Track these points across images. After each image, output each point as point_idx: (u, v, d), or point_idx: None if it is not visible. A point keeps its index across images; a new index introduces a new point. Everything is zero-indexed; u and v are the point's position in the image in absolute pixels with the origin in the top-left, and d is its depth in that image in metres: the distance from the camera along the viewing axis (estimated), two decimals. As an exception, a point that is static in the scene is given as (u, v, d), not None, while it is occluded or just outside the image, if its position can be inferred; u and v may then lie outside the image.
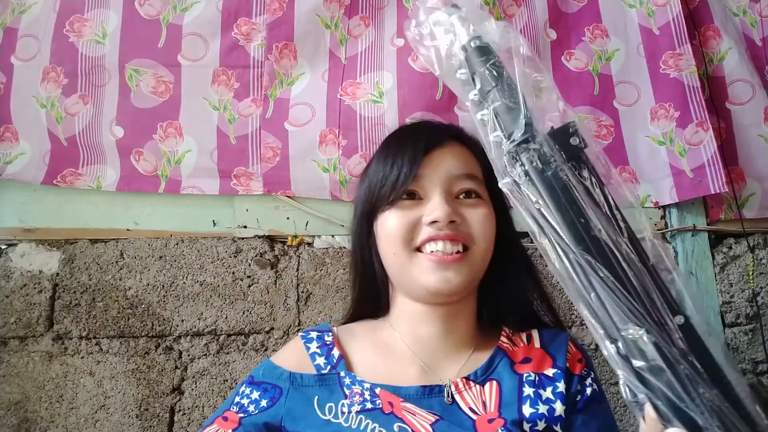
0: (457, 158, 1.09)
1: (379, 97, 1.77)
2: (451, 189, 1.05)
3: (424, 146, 1.06)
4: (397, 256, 1.03)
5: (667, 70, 1.77)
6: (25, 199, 1.67)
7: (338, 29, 1.83)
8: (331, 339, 1.11)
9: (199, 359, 1.62)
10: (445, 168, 1.06)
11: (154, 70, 1.73)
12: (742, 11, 1.88)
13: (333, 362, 1.06)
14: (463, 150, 1.12)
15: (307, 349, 1.10)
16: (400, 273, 1.06)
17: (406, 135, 1.15)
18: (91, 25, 1.73)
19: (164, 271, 1.65)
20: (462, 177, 1.07)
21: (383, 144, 1.17)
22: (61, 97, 1.69)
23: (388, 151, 1.11)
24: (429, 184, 1.05)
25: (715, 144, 1.71)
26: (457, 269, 1.00)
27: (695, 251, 1.75)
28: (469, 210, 1.04)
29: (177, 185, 1.69)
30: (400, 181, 1.03)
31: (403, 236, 1.02)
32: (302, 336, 1.14)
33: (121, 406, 1.57)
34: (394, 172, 1.05)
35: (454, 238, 1.00)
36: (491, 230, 1.06)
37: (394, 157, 1.07)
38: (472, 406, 0.98)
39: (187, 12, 1.77)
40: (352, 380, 1.02)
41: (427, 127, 1.19)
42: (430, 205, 1.02)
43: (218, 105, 1.74)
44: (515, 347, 1.09)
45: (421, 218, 1.02)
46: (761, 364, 1.70)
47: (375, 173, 1.10)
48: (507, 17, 1.84)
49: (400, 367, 1.05)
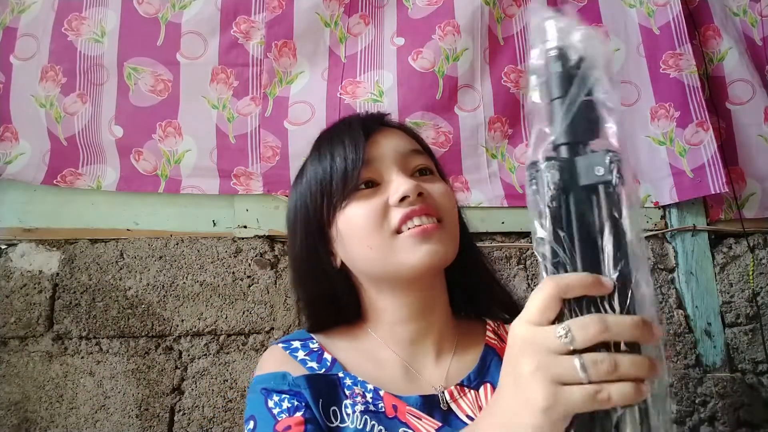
0: (401, 137, 1.03)
1: (379, 96, 1.77)
2: (407, 166, 0.99)
3: (364, 132, 0.98)
4: (374, 248, 0.93)
5: (667, 70, 1.77)
6: (25, 199, 1.67)
7: (338, 27, 1.82)
8: (318, 345, 1.02)
9: (199, 359, 1.62)
10: (393, 147, 0.99)
11: (153, 69, 1.73)
12: (742, 11, 1.88)
13: (327, 365, 0.98)
14: (400, 131, 1.05)
15: (294, 357, 0.99)
16: (381, 264, 0.95)
17: (338, 129, 1.04)
18: (89, 23, 1.73)
19: (164, 271, 1.65)
20: (413, 153, 1.01)
21: (314, 146, 1.05)
22: (60, 96, 1.69)
23: (323, 149, 1.01)
24: (383, 166, 0.97)
25: (715, 144, 1.71)
26: (439, 238, 0.93)
27: (695, 251, 1.75)
28: (430, 185, 0.97)
29: (177, 185, 1.69)
30: (349, 168, 0.94)
31: (377, 224, 0.93)
32: (283, 346, 1.02)
33: (121, 406, 1.57)
34: (339, 164, 0.96)
35: (427, 211, 0.93)
36: (454, 205, 1.01)
37: (333, 149, 0.98)
38: (468, 413, 0.95)
39: (185, 10, 1.77)
40: (353, 380, 0.96)
41: (357, 118, 1.07)
42: (394, 185, 0.94)
43: (217, 103, 1.74)
44: (503, 343, 1.05)
45: (387, 201, 0.93)
46: (761, 364, 1.70)
47: (315, 173, 1.00)
48: (507, 17, 1.84)
49: (390, 373, 0.99)
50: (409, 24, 1.82)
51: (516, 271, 1.74)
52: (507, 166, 1.78)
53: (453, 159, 1.75)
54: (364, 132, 0.98)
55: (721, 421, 1.60)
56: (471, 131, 1.77)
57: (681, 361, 1.69)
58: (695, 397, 1.62)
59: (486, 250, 1.73)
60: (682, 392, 1.62)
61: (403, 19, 1.83)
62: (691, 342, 1.71)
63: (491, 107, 1.79)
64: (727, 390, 1.62)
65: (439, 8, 1.80)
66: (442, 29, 1.77)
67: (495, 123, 1.78)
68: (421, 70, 1.76)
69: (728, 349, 1.71)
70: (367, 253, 0.95)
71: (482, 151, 1.77)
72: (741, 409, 1.62)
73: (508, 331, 1.05)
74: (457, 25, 1.77)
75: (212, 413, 1.58)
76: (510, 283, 1.72)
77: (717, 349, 1.70)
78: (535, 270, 1.74)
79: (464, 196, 1.74)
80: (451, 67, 1.77)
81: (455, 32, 1.77)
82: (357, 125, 1.00)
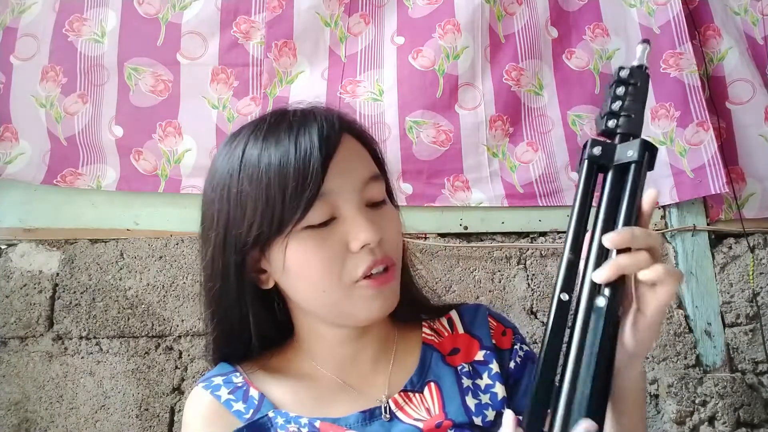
0: (359, 159, 0.90)
1: (379, 95, 1.77)
2: (363, 198, 0.87)
3: (326, 151, 0.82)
4: (328, 293, 0.85)
5: (668, 70, 1.76)
6: (25, 199, 1.67)
7: (338, 27, 1.82)
8: (242, 379, 0.93)
9: (199, 359, 1.62)
10: (353, 176, 0.86)
11: (153, 69, 1.73)
12: (743, 10, 1.88)
13: (255, 404, 0.90)
14: (359, 145, 0.92)
15: (218, 398, 0.90)
16: (332, 309, 0.88)
17: (291, 131, 0.85)
18: (90, 24, 1.73)
19: (164, 271, 1.65)
20: (370, 181, 0.88)
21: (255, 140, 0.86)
22: (61, 97, 1.69)
23: (267, 153, 0.83)
24: (340, 199, 0.84)
25: (716, 144, 1.71)
26: (391, 289, 0.88)
27: (695, 251, 1.75)
28: (383, 220, 0.88)
29: (177, 185, 1.69)
30: (302, 203, 0.80)
31: (334, 272, 0.83)
32: (204, 386, 0.92)
33: (121, 406, 1.58)
34: (289, 190, 0.80)
35: (385, 261, 0.86)
36: (400, 230, 0.94)
37: (282, 163, 0.81)
38: (416, 416, 0.91)
39: (186, 10, 1.77)
40: (285, 419, 0.88)
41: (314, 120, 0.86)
42: (354, 228, 0.83)
43: (217, 103, 1.74)
44: (440, 338, 1.02)
45: (346, 245, 0.83)
46: (761, 364, 1.70)
47: (251, 184, 0.83)
48: (508, 15, 1.84)
49: (329, 396, 0.93)
50: (409, 23, 1.82)
51: (516, 271, 1.73)
52: (508, 165, 1.78)
53: (454, 158, 1.75)
54: (326, 146, 0.83)
55: (721, 421, 1.60)
56: (472, 130, 1.77)
57: (681, 361, 1.69)
58: (695, 397, 1.62)
59: (486, 250, 1.73)
60: (682, 392, 1.62)
61: (403, 18, 1.83)
62: (691, 342, 1.70)
63: (492, 105, 1.79)
64: (727, 390, 1.62)
65: (440, 7, 1.80)
66: (443, 28, 1.77)
67: (496, 121, 1.78)
68: (422, 69, 1.76)
69: (728, 349, 1.71)
70: (318, 295, 0.86)
71: (483, 149, 1.77)
72: (741, 409, 1.61)
73: (444, 325, 1.05)
74: (458, 23, 1.77)
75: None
76: (510, 284, 1.72)
77: (717, 349, 1.70)
78: (536, 270, 1.74)
79: (465, 195, 1.74)
80: (452, 65, 1.77)
81: (455, 30, 1.77)
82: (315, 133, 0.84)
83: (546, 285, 1.73)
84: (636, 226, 0.71)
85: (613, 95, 0.78)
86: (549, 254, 1.75)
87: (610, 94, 0.78)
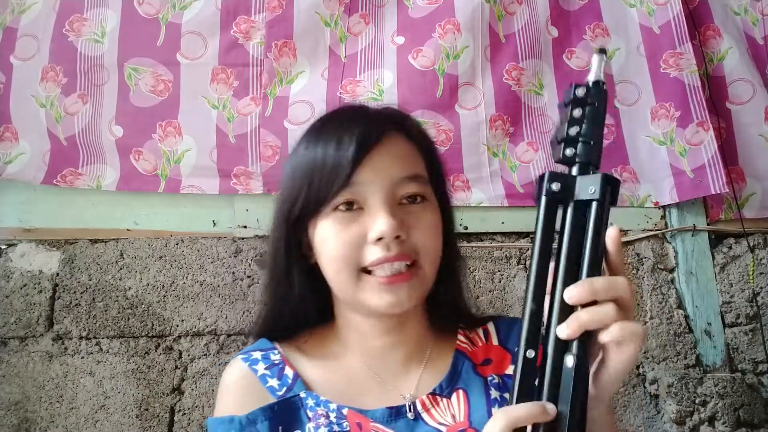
0: (399, 158, 0.95)
1: (379, 94, 1.77)
2: (395, 194, 0.92)
3: (361, 146, 0.91)
4: (341, 277, 0.91)
5: (668, 70, 1.76)
6: (25, 199, 1.67)
7: (338, 27, 1.82)
8: (279, 357, 0.99)
9: (199, 359, 1.62)
10: (386, 172, 0.92)
11: (153, 69, 1.73)
12: (743, 10, 1.88)
13: (288, 383, 0.96)
14: (406, 144, 0.97)
15: (254, 372, 0.97)
16: (345, 293, 0.94)
17: (339, 126, 0.96)
18: (90, 24, 1.73)
19: (164, 271, 1.65)
20: (406, 180, 0.93)
21: (313, 131, 0.99)
22: (61, 97, 1.69)
23: (317, 142, 0.95)
24: (368, 193, 0.91)
25: (716, 144, 1.71)
26: (409, 287, 0.90)
27: (695, 251, 1.75)
28: (416, 218, 0.93)
29: (177, 185, 1.69)
30: (332, 189, 0.90)
31: (348, 257, 0.90)
32: (243, 358, 1.00)
33: (121, 406, 1.58)
34: (324, 176, 0.90)
35: (401, 257, 0.89)
36: (439, 237, 0.96)
37: (324, 154, 0.92)
38: (440, 420, 0.93)
39: (186, 10, 1.77)
40: (315, 401, 0.93)
41: (363, 117, 0.98)
42: (374, 220, 0.89)
43: (217, 103, 1.74)
44: (474, 347, 1.04)
45: (366, 234, 0.89)
46: (761, 364, 1.70)
47: (301, 169, 0.95)
48: (508, 14, 1.84)
49: (359, 385, 0.97)
50: (409, 23, 1.82)
51: (516, 271, 1.73)
52: (508, 165, 1.78)
53: (454, 158, 1.75)
54: (362, 142, 0.91)
55: (721, 421, 1.60)
56: (472, 129, 1.77)
57: (681, 361, 1.69)
58: (695, 397, 1.62)
59: (486, 250, 1.73)
60: (682, 392, 1.62)
61: (403, 18, 1.83)
62: (691, 342, 1.71)
63: (492, 105, 1.79)
64: (727, 390, 1.62)
65: (440, 7, 1.80)
66: (443, 27, 1.77)
67: (496, 121, 1.78)
68: (422, 69, 1.76)
69: (728, 349, 1.71)
70: (334, 276, 0.93)
71: (483, 149, 1.77)
72: (741, 409, 1.62)
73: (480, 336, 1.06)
74: (458, 23, 1.77)
75: (212, 413, 1.58)
76: (510, 284, 1.72)
77: (717, 349, 1.70)
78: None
79: (465, 195, 1.74)
80: (452, 65, 1.77)
81: (455, 30, 1.77)
82: (358, 130, 0.93)
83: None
84: (598, 277, 0.67)
85: (570, 118, 0.70)
86: (549, 254, 1.74)
87: (567, 116, 0.70)
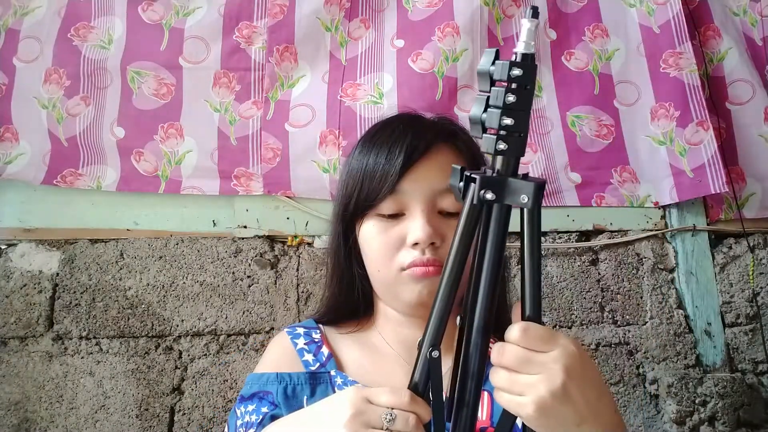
0: (443, 170, 1.01)
1: (379, 98, 1.77)
2: (435, 203, 1.00)
3: (408, 157, 0.99)
4: (381, 274, 1.01)
5: (668, 69, 1.77)
6: (25, 199, 1.68)
7: (338, 31, 1.84)
8: (319, 336, 1.09)
9: (199, 359, 1.62)
10: (428, 183, 1.00)
11: (156, 73, 1.74)
12: (742, 11, 1.88)
13: (322, 360, 1.04)
14: (452, 156, 1.05)
15: (294, 345, 1.07)
16: (384, 289, 1.04)
17: (392, 135, 1.05)
18: (97, 32, 1.75)
19: (164, 271, 1.66)
20: (445, 192, 1.00)
21: (368, 137, 1.09)
22: (63, 99, 1.70)
23: (370, 149, 1.04)
24: (411, 201, 0.99)
25: (716, 144, 1.71)
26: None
27: (695, 251, 1.75)
28: (448, 229, 0.99)
29: (177, 185, 1.70)
30: (379, 195, 0.99)
31: (387, 257, 0.99)
32: (288, 331, 1.11)
33: (121, 406, 1.58)
34: (373, 184, 1.00)
35: (434, 263, 0.96)
36: None
37: (375, 162, 1.02)
38: None
39: (189, 16, 1.78)
40: (344, 380, 1.01)
41: (414, 127, 1.06)
42: (412, 227, 0.98)
43: (219, 107, 1.75)
44: None
45: (404, 238, 0.98)
46: (761, 364, 1.70)
47: (355, 173, 1.05)
48: (506, 18, 1.85)
49: (388, 370, 1.04)
50: (409, 26, 1.83)
51: (516, 272, 1.73)
52: (507, 166, 1.78)
53: (453, 159, 1.76)
54: (409, 153, 1.00)
55: (721, 421, 1.59)
56: (471, 131, 1.77)
57: (681, 361, 1.68)
58: (695, 397, 1.62)
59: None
60: (682, 392, 1.62)
61: (403, 21, 1.84)
62: (691, 342, 1.70)
63: (491, 107, 1.79)
64: (727, 390, 1.61)
65: (439, 10, 1.80)
66: (442, 30, 1.78)
67: (495, 123, 1.78)
68: (421, 72, 1.77)
69: (728, 349, 1.71)
70: (375, 273, 1.03)
71: (483, 150, 1.77)
72: (741, 409, 1.61)
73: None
74: (457, 26, 1.78)
75: (212, 413, 1.59)
76: (510, 283, 1.72)
77: (717, 349, 1.69)
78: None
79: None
80: (451, 67, 1.77)
81: (454, 33, 1.77)
82: (407, 140, 1.01)
83: (546, 285, 1.73)
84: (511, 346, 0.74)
85: (503, 107, 0.64)
86: (549, 254, 1.75)
87: (500, 103, 0.64)
